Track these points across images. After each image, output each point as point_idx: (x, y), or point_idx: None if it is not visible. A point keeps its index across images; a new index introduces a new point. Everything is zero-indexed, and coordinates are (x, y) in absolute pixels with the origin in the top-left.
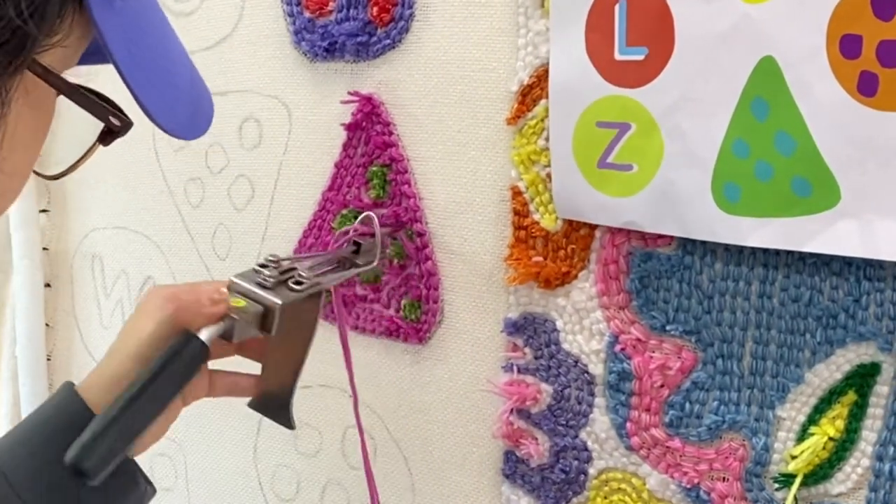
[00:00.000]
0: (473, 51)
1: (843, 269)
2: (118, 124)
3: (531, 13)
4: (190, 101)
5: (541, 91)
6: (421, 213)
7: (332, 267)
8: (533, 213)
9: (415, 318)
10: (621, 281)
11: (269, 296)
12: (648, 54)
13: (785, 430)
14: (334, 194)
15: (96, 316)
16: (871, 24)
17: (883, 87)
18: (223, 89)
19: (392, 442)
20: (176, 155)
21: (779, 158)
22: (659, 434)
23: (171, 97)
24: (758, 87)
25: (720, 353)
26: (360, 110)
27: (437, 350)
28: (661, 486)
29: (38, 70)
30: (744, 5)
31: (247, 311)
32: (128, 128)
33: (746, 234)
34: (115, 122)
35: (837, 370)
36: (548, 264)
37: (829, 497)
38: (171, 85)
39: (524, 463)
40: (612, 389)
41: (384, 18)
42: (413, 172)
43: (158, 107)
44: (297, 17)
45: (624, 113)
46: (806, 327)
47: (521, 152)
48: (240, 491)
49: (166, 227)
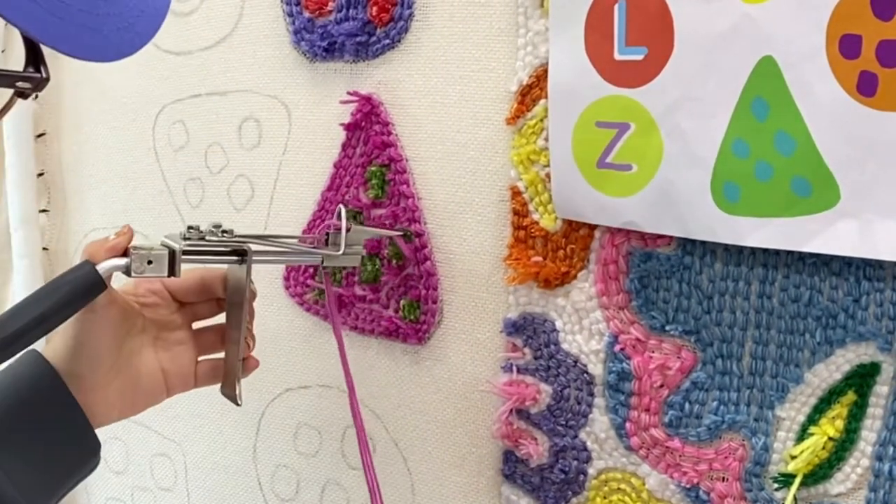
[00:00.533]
0: (473, 51)
1: (843, 270)
2: (29, 86)
3: (530, 13)
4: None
5: (540, 91)
6: (420, 213)
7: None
8: (532, 213)
9: (414, 319)
10: (621, 281)
11: (174, 242)
12: (648, 54)
13: (784, 430)
14: (333, 194)
15: None
16: (871, 24)
17: (882, 87)
18: (223, 89)
19: (391, 442)
20: (176, 155)
21: (779, 158)
22: (658, 434)
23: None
24: (758, 86)
25: (720, 353)
26: (360, 110)
27: (436, 350)
28: (661, 486)
29: None
30: (743, 5)
31: (146, 248)
32: (43, 84)
33: (746, 234)
34: (26, 86)
35: (837, 370)
36: (547, 264)
37: (828, 497)
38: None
39: (523, 463)
40: (611, 389)
41: (383, 18)
42: (412, 172)
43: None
44: (297, 17)
45: (623, 113)
46: (805, 327)
47: (521, 152)
48: (239, 491)
49: (166, 227)
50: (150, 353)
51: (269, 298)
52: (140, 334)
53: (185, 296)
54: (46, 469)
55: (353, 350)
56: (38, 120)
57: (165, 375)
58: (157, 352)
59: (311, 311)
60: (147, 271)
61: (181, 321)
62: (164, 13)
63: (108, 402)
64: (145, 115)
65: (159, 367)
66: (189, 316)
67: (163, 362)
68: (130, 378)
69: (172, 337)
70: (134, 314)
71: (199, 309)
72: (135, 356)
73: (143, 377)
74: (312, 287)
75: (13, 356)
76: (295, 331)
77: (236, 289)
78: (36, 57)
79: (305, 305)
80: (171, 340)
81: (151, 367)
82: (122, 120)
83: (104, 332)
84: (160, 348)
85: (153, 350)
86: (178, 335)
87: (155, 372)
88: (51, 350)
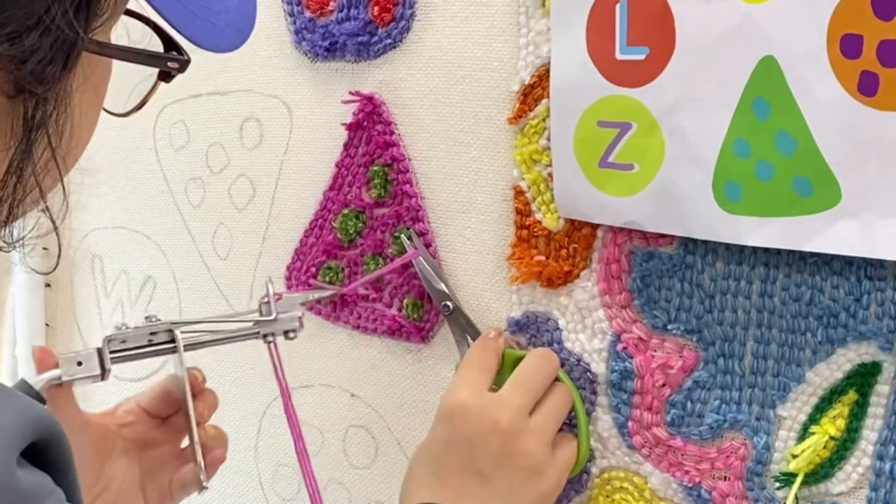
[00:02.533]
0: (475, 50)
1: (844, 269)
2: (176, 66)
3: (532, 13)
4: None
5: (542, 91)
6: (423, 213)
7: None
8: (535, 212)
9: (417, 317)
10: (623, 280)
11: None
12: (649, 54)
13: (786, 430)
14: (335, 194)
15: (96, 316)
16: (872, 24)
17: (883, 86)
18: (224, 89)
19: (394, 441)
20: (176, 154)
21: (780, 158)
22: (661, 433)
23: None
24: (759, 86)
25: (721, 352)
26: (361, 110)
27: (439, 349)
28: (663, 485)
29: (94, 48)
30: (745, 5)
31: (73, 352)
32: (186, 65)
33: (747, 233)
34: (174, 65)
35: (838, 369)
36: (550, 263)
37: (829, 496)
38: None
39: None
40: (613, 388)
41: (385, 18)
42: (414, 172)
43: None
44: (298, 17)
45: (625, 112)
46: (807, 326)
47: (523, 152)
48: (240, 491)
49: (166, 227)
50: (130, 473)
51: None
52: (121, 456)
53: (157, 409)
54: None
55: (355, 349)
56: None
57: (144, 493)
58: (139, 471)
59: (313, 310)
60: (79, 373)
61: (162, 437)
62: (255, 17)
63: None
64: (146, 115)
65: (139, 486)
66: (172, 431)
67: (144, 481)
68: (109, 500)
69: (154, 454)
70: (111, 436)
71: (179, 421)
72: (114, 479)
73: (122, 496)
74: (314, 287)
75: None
76: None
77: (178, 378)
78: (173, 44)
79: (307, 305)
80: (154, 458)
81: (130, 486)
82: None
83: (80, 456)
84: (143, 468)
85: (136, 470)
86: (161, 451)
87: (133, 490)
88: None
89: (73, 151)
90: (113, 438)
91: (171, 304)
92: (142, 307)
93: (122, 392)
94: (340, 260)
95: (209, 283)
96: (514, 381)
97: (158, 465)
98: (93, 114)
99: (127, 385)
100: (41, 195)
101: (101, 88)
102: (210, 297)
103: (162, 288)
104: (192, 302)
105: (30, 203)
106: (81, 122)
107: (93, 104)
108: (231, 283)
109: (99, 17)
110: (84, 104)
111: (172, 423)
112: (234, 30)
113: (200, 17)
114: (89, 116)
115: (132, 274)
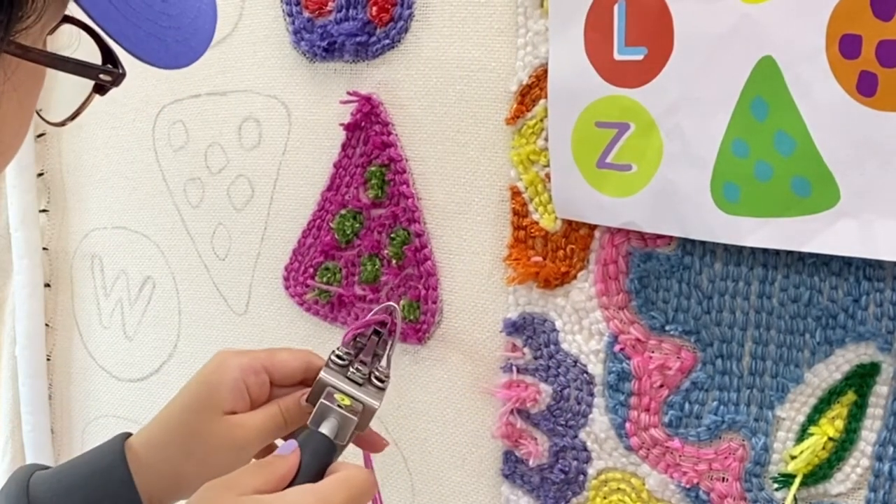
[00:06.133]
0: (473, 51)
1: (843, 269)
2: (109, 79)
3: (530, 13)
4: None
5: (540, 91)
6: (419, 213)
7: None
8: (532, 213)
9: (414, 319)
10: (621, 281)
11: (366, 395)
12: (648, 54)
13: (784, 431)
14: (333, 194)
15: (96, 316)
16: (871, 24)
17: (882, 87)
18: (222, 89)
19: (391, 442)
20: (175, 155)
21: (778, 158)
22: (658, 434)
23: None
24: (757, 86)
25: (719, 353)
26: (360, 110)
27: (436, 350)
28: (661, 486)
29: (15, 51)
30: (743, 5)
31: (352, 408)
32: (120, 79)
33: (746, 234)
34: (107, 78)
35: (837, 370)
36: (547, 264)
37: (828, 497)
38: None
39: (523, 463)
40: (611, 389)
41: (383, 18)
42: (412, 172)
43: (134, 39)
44: (297, 17)
45: (623, 113)
46: (805, 327)
47: (521, 152)
48: None
49: (166, 227)
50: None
51: (269, 299)
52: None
53: (284, 379)
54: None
55: None
56: (37, 120)
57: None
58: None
59: (311, 311)
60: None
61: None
62: (212, 35)
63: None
64: (145, 115)
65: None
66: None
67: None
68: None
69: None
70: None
71: (282, 393)
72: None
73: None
74: (312, 287)
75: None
76: (295, 331)
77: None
78: (111, 56)
79: (305, 306)
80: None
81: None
82: (122, 120)
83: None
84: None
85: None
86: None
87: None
88: (139, 441)
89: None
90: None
91: (171, 305)
92: (141, 307)
93: (123, 392)
94: (338, 260)
95: (208, 283)
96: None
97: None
98: (17, 122)
99: (127, 385)
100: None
101: (28, 96)
102: (209, 296)
103: (161, 288)
104: (192, 302)
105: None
106: (1, 129)
107: (17, 112)
108: (230, 284)
109: (24, 20)
110: (6, 101)
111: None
112: (185, 46)
113: (144, 29)
114: (12, 124)
115: (132, 274)
